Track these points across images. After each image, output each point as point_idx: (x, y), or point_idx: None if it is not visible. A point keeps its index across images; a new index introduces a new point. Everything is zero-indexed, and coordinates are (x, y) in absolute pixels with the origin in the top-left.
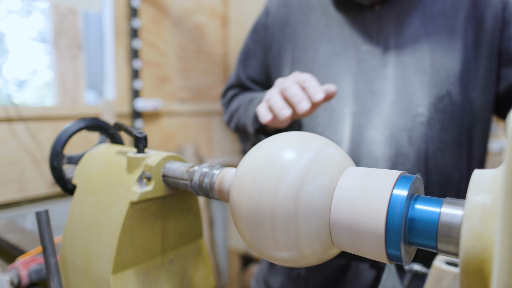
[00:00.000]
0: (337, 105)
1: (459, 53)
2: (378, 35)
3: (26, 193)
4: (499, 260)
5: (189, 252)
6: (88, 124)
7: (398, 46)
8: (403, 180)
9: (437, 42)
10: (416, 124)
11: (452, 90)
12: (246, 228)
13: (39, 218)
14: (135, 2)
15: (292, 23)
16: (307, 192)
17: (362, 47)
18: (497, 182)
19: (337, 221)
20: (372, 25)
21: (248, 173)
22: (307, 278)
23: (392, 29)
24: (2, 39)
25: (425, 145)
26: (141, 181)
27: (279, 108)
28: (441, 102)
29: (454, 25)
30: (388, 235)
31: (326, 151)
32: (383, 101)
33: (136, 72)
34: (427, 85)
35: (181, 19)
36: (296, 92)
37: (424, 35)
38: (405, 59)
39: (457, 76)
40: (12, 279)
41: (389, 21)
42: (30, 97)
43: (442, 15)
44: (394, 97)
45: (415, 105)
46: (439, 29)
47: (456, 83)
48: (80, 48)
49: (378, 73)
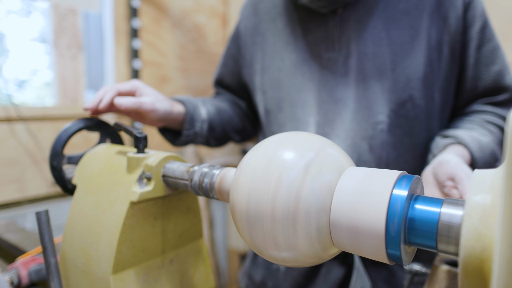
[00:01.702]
0: (302, 114)
1: (423, 55)
2: (340, 41)
3: (26, 193)
4: (499, 260)
5: (189, 252)
6: (88, 124)
7: (359, 52)
8: (403, 180)
9: (399, 45)
10: (377, 132)
11: (415, 94)
12: (246, 228)
13: (39, 218)
14: (135, 2)
15: (262, 31)
16: (307, 192)
17: (325, 54)
18: (497, 182)
19: (337, 221)
20: (335, 31)
21: (248, 173)
22: (286, 272)
23: (354, 34)
24: (2, 39)
25: (385, 152)
26: (141, 181)
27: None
28: (403, 108)
29: (417, 25)
30: (388, 235)
31: (326, 151)
32: (344, 110)
33: (136, 72)
34: (387, 91)
35: (181, 19)
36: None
37: (385, 38)
38: (366, 65)
39: (420, 80)
40: (12, 279)
41: (351, 25)
42: (30, 97)
43: (406, 15)
44: (355, 105)
45: (375, 112)
46: (402, 31)
47: (419, 87)
48: (80, 48)
49: (339, 81)
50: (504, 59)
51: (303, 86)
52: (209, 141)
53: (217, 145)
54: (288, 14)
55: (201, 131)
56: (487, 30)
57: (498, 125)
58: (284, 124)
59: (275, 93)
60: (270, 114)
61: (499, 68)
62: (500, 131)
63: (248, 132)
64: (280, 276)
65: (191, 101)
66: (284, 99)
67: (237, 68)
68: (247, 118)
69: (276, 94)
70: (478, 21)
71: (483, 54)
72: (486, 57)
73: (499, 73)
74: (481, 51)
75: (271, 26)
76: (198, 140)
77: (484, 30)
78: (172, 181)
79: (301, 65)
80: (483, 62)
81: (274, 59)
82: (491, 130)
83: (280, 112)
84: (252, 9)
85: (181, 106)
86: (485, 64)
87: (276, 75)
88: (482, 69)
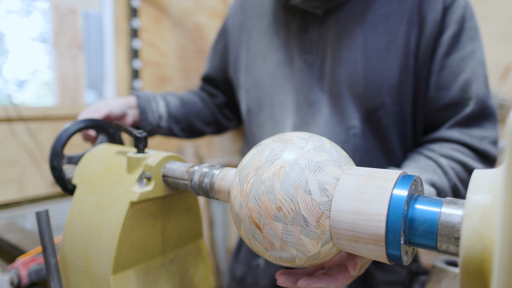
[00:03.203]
0: (281, 115)
1: (398, 61)
2: (319, 44)
3: (26, 193)
4: (499, 260)
5: (189, 252)
6: (88, 124)
7: (334, 57)
8: (403, 180)
9: (374, 51)
10: (350, 136)
11: (387, 101)
12: (246, 228)
13: (39, 218)
14: (135, 2)
15: (247, 28)
16: (306, 192)
17: (303, 56)
18: (497, 182)
19: (337, 221)
20: (314, 34)
21: (247, 173)
22: (265, 268)
23: (332, 38)
24: (2, 39)
25: (359, 157)
26: (141, 181)
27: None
28: (375, 114)
29: (396, 30)
30: (388, 235)
31: (326, 151)
32: (319, 113)
33: (136, 72)
34: (359, 98)
35: (181, 19)
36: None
37: (361, 43)
38: (339, 70)
39: (392, 87)
40: (12, 279)
41: (331, 28)
42: (30, 97)
43: (385, 20)
44: (329, 109)
45: (348, 117)
46: (379, 36)
47: (392, 94)
48: (80, 48)
49: (315, 85)
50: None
51: (283, 87)
52: (175, 133)
53: (188, 137)
54: (274, 13)
55: (159, 121)
56: (461, 37)
57: (460, 160)
58: (263, 124)
59: (256, 92)
60: (251, 113)
61: (467, 77)
62: (461, 167)
63: (222, 125)
64: (260, 272)
65: (148, 95)
66: (264, 99)
67: (223, 63)
68: (221, 112)
69: (257, 93)
70: (452, 27)
71: (451, 62)
72: (454, 66)
73: (466, 82)
74: (448, 59)
75: (257, 24)
76: (161, 131)
77: (457, 37)
78: (172, 181)
79: (282, 66)
80: (451, 71)
81: (257, 58)
82: (446, 172)
83: (260, 112)
84: (240, 5)
85: (133, 97)
86: (452, 73)
87: (259, 74)
88: (449, 77)
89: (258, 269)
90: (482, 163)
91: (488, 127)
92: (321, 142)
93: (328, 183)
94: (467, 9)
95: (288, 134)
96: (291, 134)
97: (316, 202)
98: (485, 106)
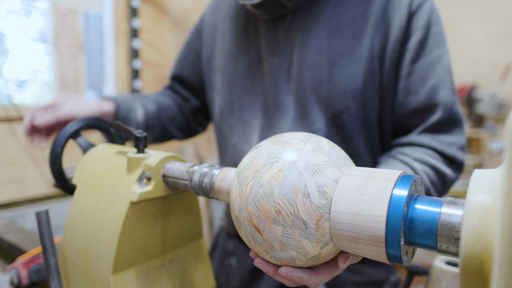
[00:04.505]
0: (249, 117)
1: (362, 66)
2: (286, 48)
3: (26, 193)
4: (499, 260)
5: (189, 252)
6: (88, 124)
7: (300, 61)
8: (403, 180)
9: (339, 55)
10: None
11: (351, 105)
12: (247, 231)
13: (39, 218)
14: (135, 2)
15: (221, 30)
16: (305, 195)
17: (272, 59)
18: (497, 182)
19: (337, 222)
20: (282, 37)
21: (247, 173)
22: (236, 268)
23: (298, 42)
24: (2, 39)
25: None
26: (141, 181)
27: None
28: (339, 118)
29: (361, 35)
30: (388, 236)
31: (324, 153)
32: (284, 116)
33: (136, 72)
34: (324, 101)
35: (181, 19)
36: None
37: (326, 47)
38: (304, 74)
39: (357, 91)
40: (12, 279)
41: (298, 32)
42: (30, 97)
43: (350, 25)
44: (294, 112)
45: (313, 121)
46: (344, 40)
47: (356, 98)
48: (80, 48)
49: (281, 88)
50: (443, 75)
51: (253, 90)
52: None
53: (156, 142)
54: (246, 15)
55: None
56: (428, 42)
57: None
58: (233, 126)
59: (228, 94)
60: (222, 115)
61: (434, 83)
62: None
63: (192, 130)
64: (232, 272)
65: (126, 103)
66: (235, 101)
67: (198, 63)
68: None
69: (229, 95)
70: (418, 33)
71: (418, 67)
72: (422, 71)
73: (433, 88)
74: (416, 64)
75: (230, 26)
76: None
77: (424, 43)
78: (172, 181)
79: (252, 68)
80: (418, 76)
81: (230, 60)
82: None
83: (230, 114)
84: (215, 6)
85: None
86: (420, 78)
87: (230, 76)
88: (416, 82)
89: (230, 268)
90: (450, 168)
91: (456, 133)
92: (319, 143)
93: (327, 185)
94: (433, 14)
95: (286, 135)
96: (289, 135)
97: (315, 205)
98: (453, 113)
